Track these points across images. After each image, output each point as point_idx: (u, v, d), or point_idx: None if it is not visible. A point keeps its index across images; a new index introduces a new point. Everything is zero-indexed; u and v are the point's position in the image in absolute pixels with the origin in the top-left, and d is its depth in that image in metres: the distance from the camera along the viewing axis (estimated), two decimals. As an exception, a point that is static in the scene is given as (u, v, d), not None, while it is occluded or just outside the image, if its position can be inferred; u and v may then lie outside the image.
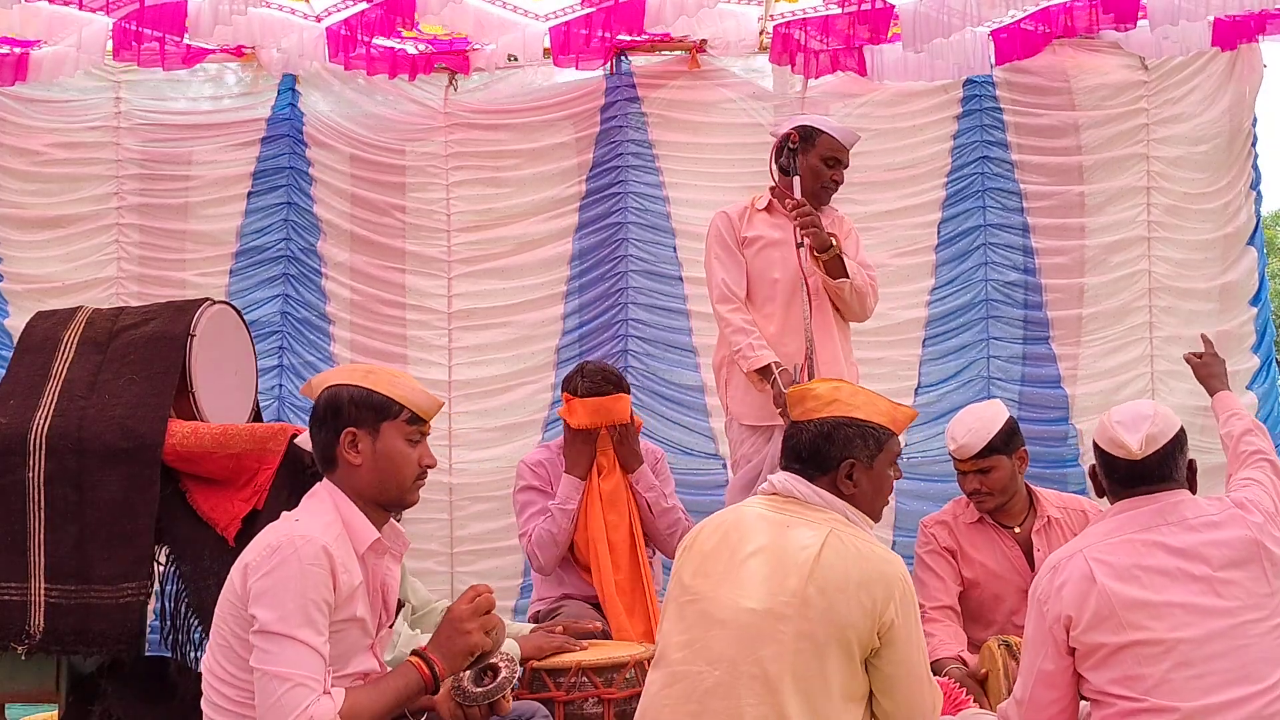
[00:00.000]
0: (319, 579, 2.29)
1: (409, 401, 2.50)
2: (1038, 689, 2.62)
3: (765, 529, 2.56)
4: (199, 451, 3.47)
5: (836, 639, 2.39)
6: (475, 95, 5.77)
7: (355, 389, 2.49)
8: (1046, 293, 5.50)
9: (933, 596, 3.71)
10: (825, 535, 2.48)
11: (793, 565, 2.44)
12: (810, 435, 2.64)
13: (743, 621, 2.43)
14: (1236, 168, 5.46)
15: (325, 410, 2.50)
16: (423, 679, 2.39)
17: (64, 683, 3.51)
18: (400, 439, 2.48)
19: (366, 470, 2.47)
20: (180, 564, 3.54)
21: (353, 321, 5.73)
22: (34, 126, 5.69)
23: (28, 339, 3.79)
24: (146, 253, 5.73)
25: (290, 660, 2.23)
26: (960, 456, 3.66)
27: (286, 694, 2.20)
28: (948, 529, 3.79)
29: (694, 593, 2.54)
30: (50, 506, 3.44)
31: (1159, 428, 2.66)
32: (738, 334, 4.03)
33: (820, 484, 2.61)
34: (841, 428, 2.64)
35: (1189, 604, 2.50)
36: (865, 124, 5.54)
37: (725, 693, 2.40)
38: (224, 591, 2.41)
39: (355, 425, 2.46)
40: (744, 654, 2.40)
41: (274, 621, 2.24)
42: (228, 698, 2.36)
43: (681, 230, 5.62)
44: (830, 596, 2.40)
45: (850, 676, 2.42)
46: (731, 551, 2.54)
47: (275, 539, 2.34)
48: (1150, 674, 2.46)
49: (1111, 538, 2.62)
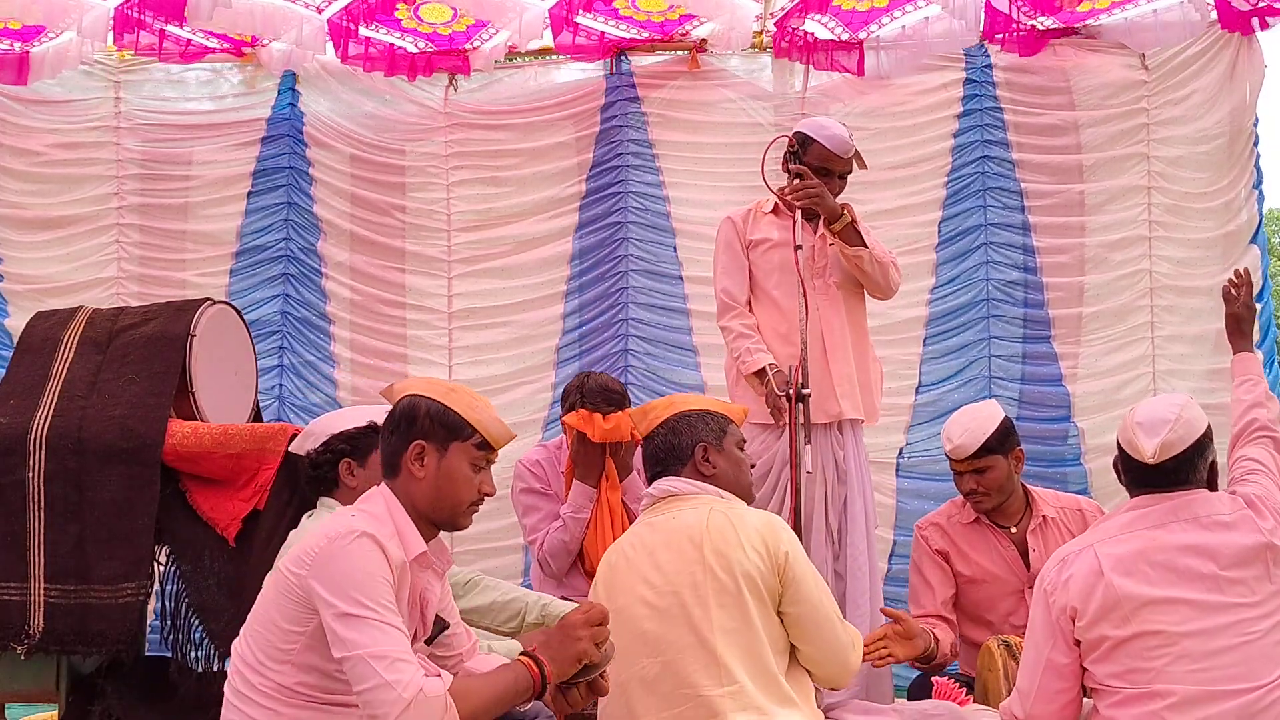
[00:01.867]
0: (382, 567, 2.29)
1: (482, 427, 2.49)
2: (1046, 679, 2.63)
3: (652, 534, 2.76)
4: (199, 451, 3.47)
5: (748, 588, 2.59)
6: (475, 95, 5.77)
7: (434, 403, 2.48)
8: (1047, 291, 5.48)
9: (921, 604, 3.71)
10: (708, 510, 2.72)
11: (687, 541, 2.66)
12: (660, 436, 2.90)
13: (663, 606, 2.63)
14: (1238, 167, 5.45)
15: (401, 417, 2.50)
16: (531, 678, 2.37)
17: (64, 683, 3.51)
18: (466, 462, 2.48)
19: (427, 485, 2.46)
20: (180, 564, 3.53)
21: (353, 321, 5.73)
22: (34, 127, 5.70)
23: (28, 339, 3.79)
24: (146, 253, 5.73)
25: (380, 640, 2.20)
26: (956, 457, 3.65)
27: (389, 669, 2.17)
28: (941, 531, 3.78)
29: (614, 610, 2.62)
30: (50, 506, 3.43)
31: (1178, 434, 2.64)
32: (738, 340, 4.03)
33: (685, 474, 2.83)
34: (684, 419, 2.90)
35: (1194, 600, 2.50)
36: (865, 123, 5.53)
37: (674, 666, 2.59)
38: (270, 582, 2.40)
39: (426, 438, 2.46)
40: (676, 631, 2.60)
41: (352, 606, 2.22)
42: (252, 685, 2.35)
43: (682, 230, 5.61)
44: (727, 553, 2.61)
45: (773, 626, 2.62)
46: (631, 565, 2.75)
47: (335, 530, 2.33)
48: (1152, 667, 2.48)
49: (1123, 533, 2.62)
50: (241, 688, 2.37)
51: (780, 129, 5.40)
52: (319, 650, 2.29)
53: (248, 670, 2.37)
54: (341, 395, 5.64)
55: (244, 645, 2.40)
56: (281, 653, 2.33)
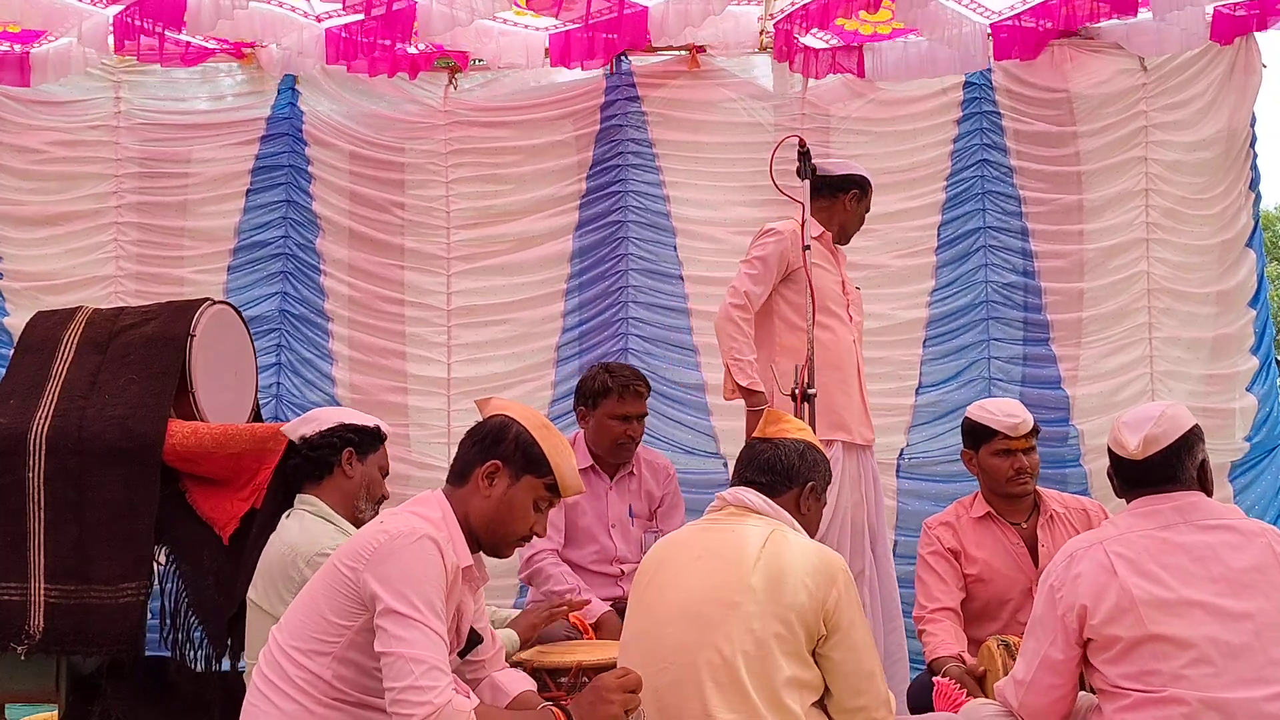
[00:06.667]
0: (441, 572, 2.32)
1: (559, 472, 2.52)
2: (1041, 673, 2.64)
3: (707, 538, 2.74)
4: (199, 451, 3.47)
5: (783, 622, 2.53)
6: (475, 94, 5.76)
7: (525, 432, 2.52)
8: (1046, 295, 5.49)
9: (933, 597, 3.71)
10: (770, 531, 2.66)
11: (738, 559, 2.60)
12: (786, 452, 2.84)
13: (694, 613, 2.58)
14: (1235, 171, 5.46)
15: (489, 432, 2.53)
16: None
17: (64, 683, 3.52)
18: (532, 497, 2.51)
19: (489, 505, 2.49)
20: (180, 564, 3.54)
21: (351, 318, 5.71)
22: (34, 125, 5.68)
23: (28, 339, 3.79)
24: (145, 250, 5.71)
25: (423, 644, 2.23)
26: (1016, 434, 3.69)
27: (424, 675, 2.21)
28: (951, 530, 3.80)
29: (645, 604, 2.70)
30: (50, 506, 3.44)
31: (1162, 429, 2.65)
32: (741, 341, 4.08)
33: (779, 501, 2.79)
34: (814, 451, 2.88)
35: (1208, 603, 2.49)
36: (865, 127, 5.56)
37: (687, 679, 2.54)
38: (319, 575, 2.41)
39: (505, 461, 2.50)
40: (701, 641, 2.54)
41: (404, 605, 2.25)
42: (286, 675, 2.34)
43: (682, 229, 5.61)
44: (776, 582, 2.55)
45: (800, 664, 2.54)
46: (677, 563, 2.72)
47: (397, 528, 2.35)
48: (1166, 669, 2.47)
49: (1132, 533, 2.61)
50: (273, 676, 2.36)
51: (780, 129, 5.41)
52: (362, 647, 2.30)
53: (283, 659, 2.36)
54: (340, 393, 5.63)
55: (281, 635, 2.40)
56: (324, 644, 2.33)
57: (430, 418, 5.63)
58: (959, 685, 3.29)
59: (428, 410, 5.63)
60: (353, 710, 2.33)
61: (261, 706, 2.35)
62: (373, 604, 2.27)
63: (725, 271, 5.39)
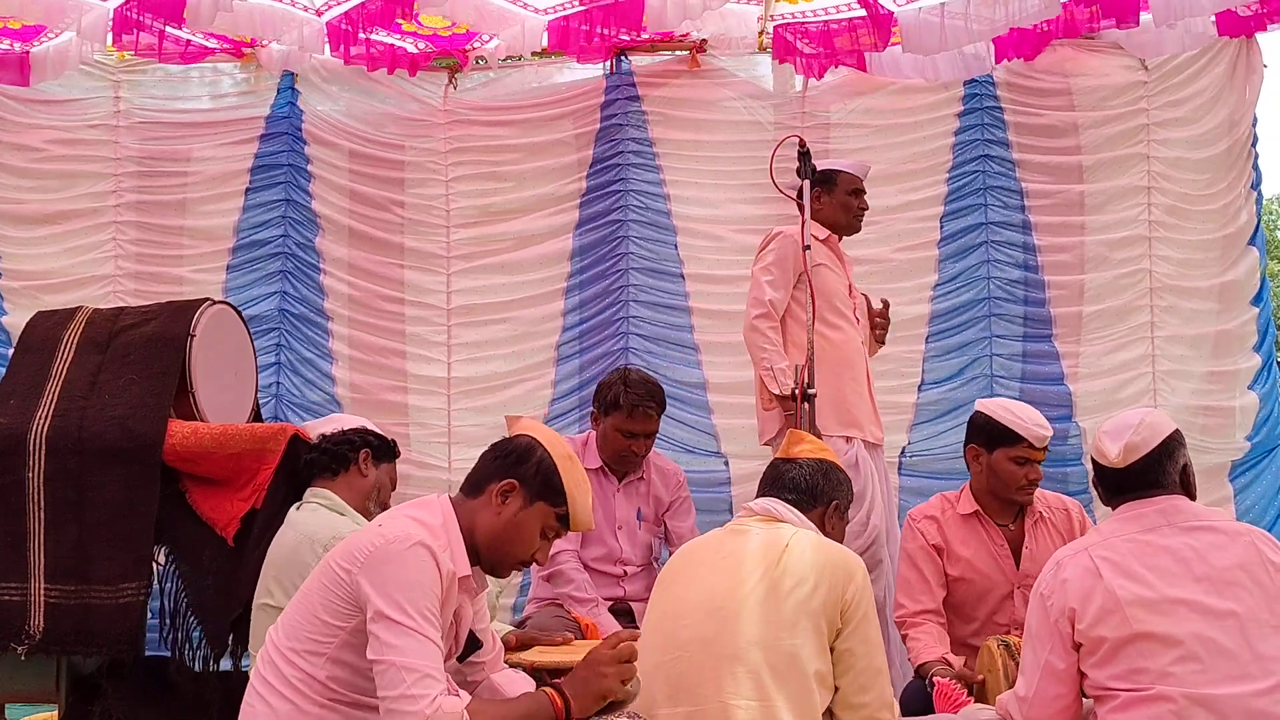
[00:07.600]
0: (435, 578, 2.31)
1: (573, 506, 2.51)
2: (1044, 683, 2.64)
3: (734, 540, 2.81)
4: (199, 451, 3.46)
5: (806, 614, 2.60)
6: (475, 93, 5.76)
7: (549, 459, 2.50)
8: (1048, 290, 5.49)
9: (915, 598, 3.66)
10: (794, 532, 2.76)
11: (762, 556, 2.69)
12: (810, 471, 2.93)
13: (716, 607, 2.64)
14: (1237, 168, 5.45)
15: (513, 451, 2.52)
16: (554, 711, 2.36)
17: (64, 683, 3.50)
18: (540, 524, 2.50)
19: (497, 522, 2.48)
20: (180, 564, 3.53)
21: (351, 317, 5.71)
22: (33, 123, 5.68)
23: (28, 339, 3.78)
24: (144, 249, 5.72)
25: (416, 652, 2.23)
26: (1041, 445, 3.64)
27: (416, 684, 2.20)
28: (936, 525, 3.74)
29: (668, 598, 2.76)
30: (50, 506, 3.43)
31: (1142, 436, 2.67)
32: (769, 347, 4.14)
33: (807, 516, 2.87)
34: (838, 471, 2.99)
35: (1193, 601, 2.51)
36: (866, 120, 5.55)
37: (705, 665, 2.58)
38: (315, 575, 2.40)
39: (523, 482, 2.48)
40: (720, 632, 2.60)
41: (396, 612, 2.24)
42: (282, 675, 2.34)
43: (682, 228, 5.61)
44: (797, 578, 2.63)
45: (820, 657, 2.60)
46: (701, 562, 2.80)
47: (393, 532, 2.34)
48: (1153, 667, 2.48)
49: (1116, 537, 2.64)
50: (269, 676, 2.36)
51: (780, 128, 5.41)
52: (355, 648, 2.30)
53: (279, 659, 2.36)
54: (340, 392, 5.63)
55: (278, 634, 2.40)
56: (318, 644, 2.33)
57: (430, 417, 5.63)
58: (959, 686, 3.28)
59: (428, 409, 5.64)
60: (347, 710, 2.32)
61: (257, 706, 2.35)
62: (365, 608, 2.27)
63: (726, 269, 5.41)
